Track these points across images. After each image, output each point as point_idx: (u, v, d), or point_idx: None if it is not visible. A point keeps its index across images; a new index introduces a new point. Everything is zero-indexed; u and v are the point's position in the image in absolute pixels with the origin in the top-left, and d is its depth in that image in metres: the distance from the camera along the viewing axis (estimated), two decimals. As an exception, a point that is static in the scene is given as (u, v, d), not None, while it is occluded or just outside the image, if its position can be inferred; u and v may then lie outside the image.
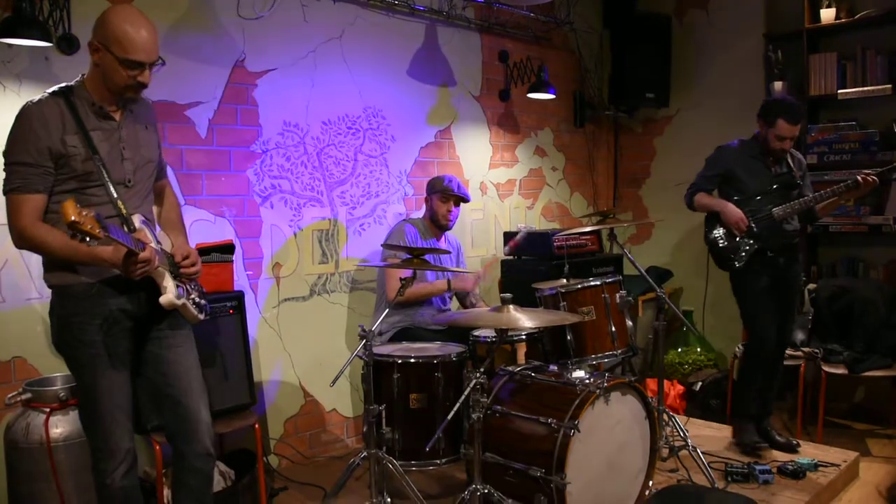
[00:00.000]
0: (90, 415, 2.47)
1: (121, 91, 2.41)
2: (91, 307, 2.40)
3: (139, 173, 2.52)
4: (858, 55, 4.80)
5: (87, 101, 2.40)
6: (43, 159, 2.31)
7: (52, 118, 2.33)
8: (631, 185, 6.19)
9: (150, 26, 2.40)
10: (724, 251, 3.88)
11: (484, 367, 2.85)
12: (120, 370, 2.46)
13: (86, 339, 2.41)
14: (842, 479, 3.67)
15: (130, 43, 2.33)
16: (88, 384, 2.44)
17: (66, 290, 2.41)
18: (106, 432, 2.44)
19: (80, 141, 2.35)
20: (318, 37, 4.13)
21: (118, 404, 2.46)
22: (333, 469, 3.94)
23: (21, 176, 2.31)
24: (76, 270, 2.39)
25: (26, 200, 2.32)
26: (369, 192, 4.43)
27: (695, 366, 5.17)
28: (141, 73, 2.38)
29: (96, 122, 2.41)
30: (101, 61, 2.36)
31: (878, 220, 4.73)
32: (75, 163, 2.34)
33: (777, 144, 3.77)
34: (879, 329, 4.36)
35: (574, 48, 5.81)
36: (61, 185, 2.36)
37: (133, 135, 2.51)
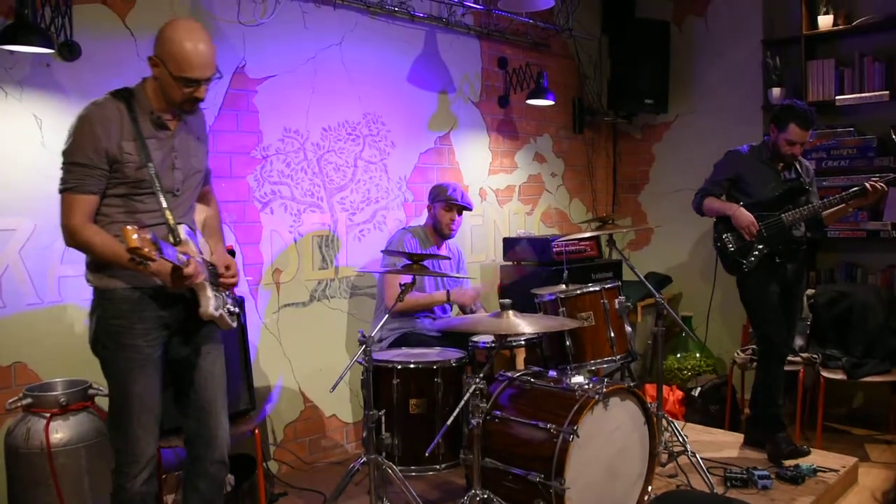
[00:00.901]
0: (119, 418, 2.49)
1: (178, 105, 2.46)
2: (130, 313, 2.44)
3: (187, 182, 2.55)
4: (856, 61, 4.82)
5: (146, 109, 2.44)
6: (100, 161, 2.34)
7: (113, 122, 2.37)
8: (630, 190, 6.20)
9: (207, 41, 2.42)
10: (733, 255, 3.89)
11: (483, 373, 2.86)
12: (153, 376, 2.49)
13: (123, 343, 2.43)
14: (841, 485, 3.67)
15: (187, 61, 2.35)
16: (121, 388, 2.46)
17: (108, 294, 2.44)
18: (133, 437, 2.46)
19: (135, 148, 2.38)
20: (318, 43, 4.15)
21: (148, 410, 2.49)
22: (333, 474, 3.94)
23: (77, 176, 2.34)
24: (119, 276, 2.42)
25: (80, 201, 2.35)
26: (369, 198, 4.44)
27: (694, 371, 5.18)
28: (197, 89, 2.41)
29: (152, 131, 2.44)
30: (160, 75, 2.40)
31: (876, 226, 4.74)
32: (128, 169, 2.38)
33: (788, 149, 3.78)
34: (878, 334, 4.37)
35: (573, 54, 5.82)
36: (113, 188, 2.40)
37: (185, 144, 2.54)
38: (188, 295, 2.46)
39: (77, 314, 3.27)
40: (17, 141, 3.11)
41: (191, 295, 2.46)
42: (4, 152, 3.08)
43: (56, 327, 3.22)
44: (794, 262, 3.90)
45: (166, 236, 2.37)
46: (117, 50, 3.37)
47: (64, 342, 3.22)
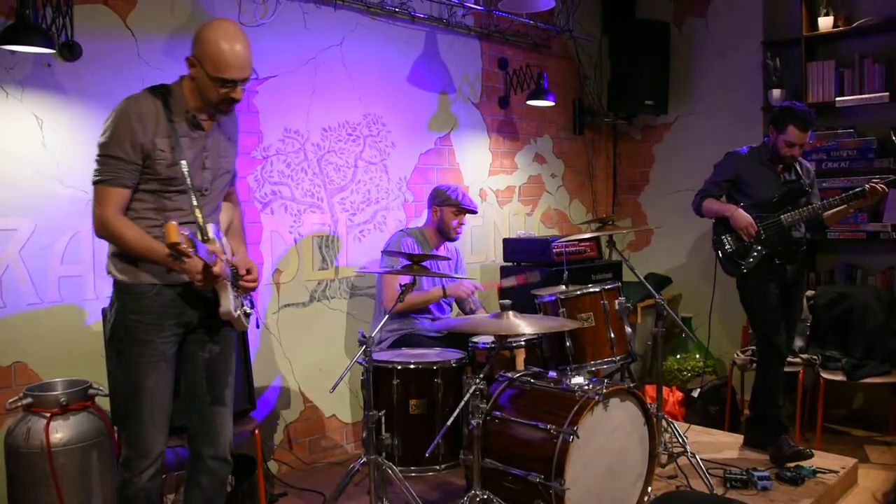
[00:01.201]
0: (129, 412, 2.49)
1: (213, 105, 2.48)
2: (149, 308, 2.45)
3: (216, 182, 2.58)
4: (856, 63, 4.82)
5: (182, 108, 2.46)
6: (135, 156, 2.37)
7: (149, 117, 2.39)
8: (630, 191, 6.20)
9: (244, 43, 2.43)
10: (731, 256, 3.89)
11: (483, 374, 2.86)
12: (166, 373, 2.51)
13: (139, 338, 2.45)
14: (840, 486, 3.67)
15: (223, 62, 2.37)
16: (133, 382, 2.47)
17: (128, 287, 2.46)
18: (143, 432, 2.47)
19: (168, 146, 2.40)
20: (319, 44, 4.15)
21: (159, 406, 2.50)
22: (333, 475, 3.94)
23: (112, 169, 2.36)
24: (144, 270, 2.44)
25: (113, 193, 2.37)
26: (369, 199, 4.44)
27: (694, 372, 5.18)
28: (233, 89, 2.44)
29: (187, 130, 2.47)
30: (196, 75, 2.43)
31: (876, 227, 4.74)
32: (160, 166, 2.40)
33: (787, 151, 3.79)
34: (877, 335, 4.37)
35: (573, 55, 5.83)
36: (144, 184, 2.42)
37: (216, 145, 2.57)
38: (209, 295, 2.48)
39: (77, 314, 3.27)
40: (18, 141, 3.11)
41: (212, 295, 2.47)
42: (5, 152, 3.09)
43: (56, 327, 3.22)
44: (794, 263, 3.91)
45: (196, 233, 2.38)
46: (118, 50, 3.38)
47: (64, 342, 3.23)
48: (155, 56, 3.48)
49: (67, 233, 3.24)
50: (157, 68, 3.46)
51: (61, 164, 3.21)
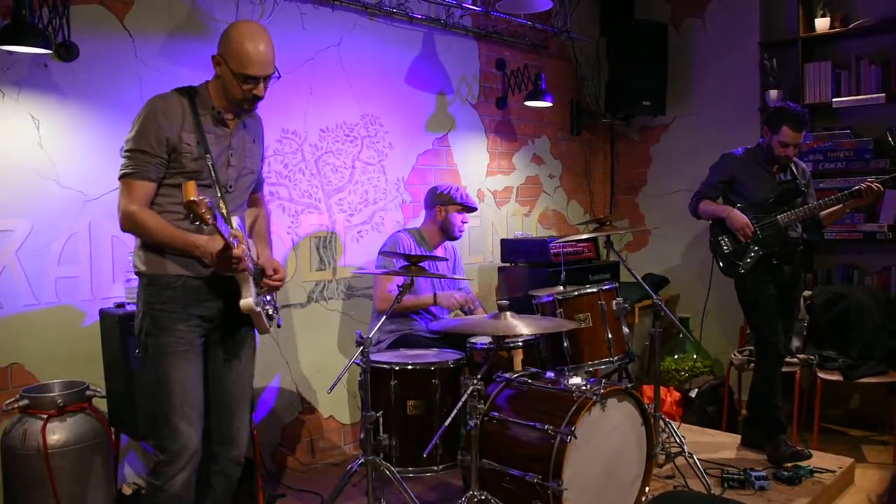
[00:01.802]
0: (159, 408, 2.48)
1: (238, 103, 2.54)
2: (175, 300, 2.48)
3: (240, 181, 2.63)
4: (852, 64, 4.83)
5: (207, 105, 2.54)
6: (161, 150, 2.43)
7: (175, 112, 2.47)
8: (627, 192, 6.21)
9: (267, 41, 2.51)
10: (729, 257, 3.90)
11: (481, 374, 2.86)
12: (195, 365, 2.53)
13: (165, 327, 2.47)
14: (837, 486, 3.68)
15: (247, 58, 2.45)
16: (162, 375, 2.47)
17: (154, 279, 2.50)
18: (175, 430, 2.45)
19: (194, 140, 2.48)
20: (317, 44, 4.15)
21: (190, 401, 2.49)
22: (331, 476, 3.94)
23: (138, 163, 2.42)
24: (168, 261, 2.48)
25: (138, 186, 2.43)
26: (367, 200, 4.44)
27: (691, 373, 5.18)
28: (255, 86, 2.50)
29: (212, 126, 2.54)
30: (221, 73, 2.52)
31: (872, 228, 4.74)
32: (186, 160, 2.46)
33: (781, 151, 3.80)
34: (874, 336, 4.38)
35: (571, 56, 5.83)
36: (169, 178, 2.48)
37: (241, 144, 2.63)
38: (233, 287, 2.49)
39: (75, 315, 3.27)
40: (15, 141, 3.11)
41: (235, 288, 2.49)
42: (2, 152, 3.08)
43: (53, 328, 3.21)
44: (791, 263, 3.92)
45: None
46: (115, 51, 3.37)
47: (61, 343, 3.22)
48: (152, 56, 3.48)
49: (64, 233, 3.24)
50: (154, 68, 3.46)
51: (58, 164, 3.21)
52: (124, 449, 3.36)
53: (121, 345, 3.03)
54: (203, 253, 2.41)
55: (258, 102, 2.57)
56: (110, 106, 3.34)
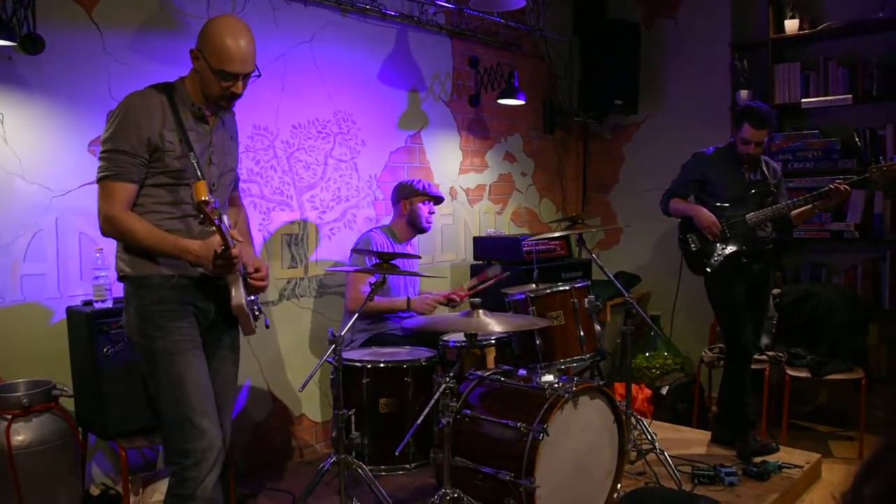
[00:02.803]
0: (179, 410, 2.37)
1: (215, 100, 2.48)
2: (170, 296, 2.41)
3: (222, 179, 2.57)
4: (821, 66, 4.89)
5: (186, 101, 2.47)
6: (141, 150, 2.35)
7: (155, 110, 2.38)
8: (600, 190, 6.24)
9: (248, 38, 2.44)
10: (696, 255, 3.94)
11: (453, 372, 2.86)
12: (203, 360, 2.46)
13: (171, 326, 2.40)
14: (805, 481, 3.73)
15: (227, 54, 2.38)
16: (175, 376, 2.38)
17: (144, 280, 2.41)
18: (199, 428, 2.36)
19: (176, 138, 2.40)
20: (289, 40, 4.11)
21: (207, 397, 2.42)
22: (303, 474, 3.92)
23: (118, 164, 2.34)
24: (156, 262, 2.40)
25: (120, 188, 2.34)
26: (339, 197, 4.42)
27: (662, 370, 5.22)
28: (234, 84, 2.44)
29: (193, 124, 2.47)
30: (199, 69, 2.44)
31: (840, 227, 4.81)
32: (169, 159, 2.38)
33: (744, 148, 3.84)
34: (842, 333, 4.44)
35: (544, 55, 5.84)
36: (152, 178, 2.40)
37: (221, 142, 2.57)
38: (221, 284, 2.45)
39: (40, 313, 3.21)
40: (-21, 136, 3.05)
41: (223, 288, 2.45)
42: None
43: (19, 326, 3.15)
44: (760, 262, 3.96)
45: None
46: (83, 44, 3.31)
47: (27, 342, 3.16)
48: (121, 51, 3.43)
49: (30, 230, 3.18)
50: (123, 63, 3.41)
51: (24, 159, 3.15)
52: (92, 449, 3.31)
53: (89, 343, 2.98)
54: (197, 258, 2.34)
55: (236, 100, 2.51)
56: (78, 101, 3.29)
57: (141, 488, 3.23)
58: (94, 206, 2.42)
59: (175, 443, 2.39)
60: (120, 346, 2.98)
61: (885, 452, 0.82)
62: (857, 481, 0.82)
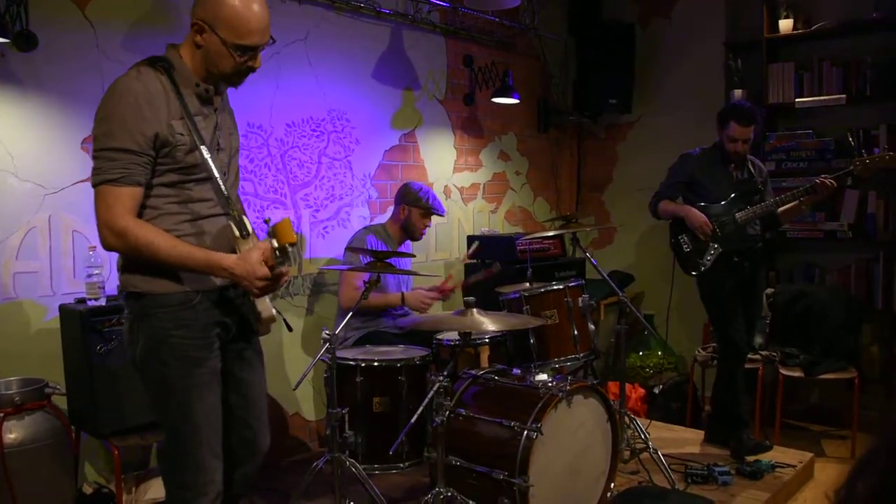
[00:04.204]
0: (182, 445, 2.15)
1: (227, 77, 2.15)
2: (194, 320, 2.11)
3: (231, 164, 2.28)
4: (815, 65, 4.90)
5: (189, 81, 2.11)
6: (148, 147, 1.99)
7: (158, 97, 2.02)
8: (594, 189, 6.24)
9: (262, 2, 2.11)
10: (689, 255, 3.95)
11: (447, 371, 2.86)
12: (217, 393, 2.19)
13: (189, 356, 2.10)
14: (797, 480, 3.74)
15: (245, 25, 2.05)
16: (186, 409, 2.12)
17: (161, 298, 2.09)
18: (201, 464, 2.15)
19: (184, 128, 2.05)
20: (283, 38, 4.09)
21: (216, 433, 2.18)
22: (296, 473, 3.90)
23: (122, 165, 1.97)
24: (175, 277, 2.08)
25: (125, 194, 1.97)
26: (333, 195, 4.41)
27: (656, 369, 5.23)
28: (253, 57, 2.12)
29: (199, 107, 2.12)
30: (206, 43, 2.07)
31: (833, 227, 4.83)
32: (179, 153, 2.05)
33: (731, 146, 3.85)
34: (835, 333, 4.45)
35: (539, 54, 5.84)
36: (159, 176, 2.06)
37: (225, 122, 2.25)
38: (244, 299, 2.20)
39: (34, 311, 3.20)
40: (-29, 133, 3.03)
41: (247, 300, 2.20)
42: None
43: (10, 325, 3.14)
44: (752, 260, 3.96)
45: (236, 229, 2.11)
46: (77, 41, 3.30)
47: (19, 340, 3.15)
48: (115, 48, 3.41)
49: (23, 227, 3.16)
50: (116, 61, 3.39)
51: (16, 157, 3.13)
52: (85, 447, 3.29)
53: (82, 341, 2.97)
54: (234, 276, 2.03)
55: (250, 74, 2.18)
56: (71, 98, 3.27)
57: (134, 487, 3.22)
58: (88, 204, 2.35)
59: (175, 473, 2.21)
60: (113, 345, 2.96)
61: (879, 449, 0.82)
62: (851, 478, 0.82)
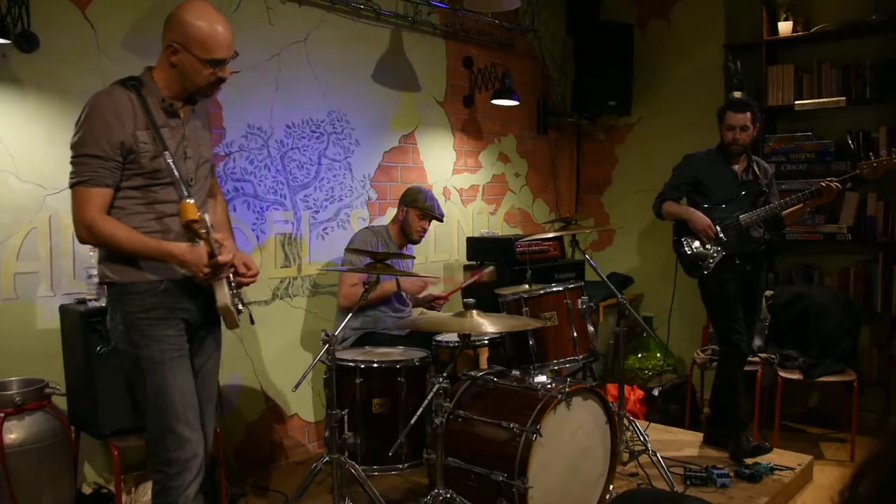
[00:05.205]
0: (161, 422, 2.36)
1: (202, 90, 2.42)
2: (159, 305, 2.36)
3: (199, 172, 2.50)
4: (814, 68, 4.91)
5: (157, 97, 2.38)
6: (114, 153, 2.27)
7: (125, 110, 2.30)
8: (593, 191, 6.25)
9: (224, 20, 2.39)
10: (692, 258, 3.94)
11: (446, 372, 2.86)
12: (189, 370, 2.42)
13: (157, 335, 2.36)
14: (796, 483, 3.74)
15: (213, 41, 2.33)
16: (160, 384, 2.35)
17: (130, 287, 2.36)
18: (182, 437, 2.35)
19: (149, 137, 2.32)
20: (283, 40, 4.11)
21: (192, 407, 2.40)
22: (295, 474, 3.92)
23: (91, 169, 2.26)
24: (141, 267, 2.35)
25: (95, 194, 2.27)
26: (333, 196, 4.41)
27: (654, 371, 5.24)
28: (221, 69, 2.39)
29: (165, 119, 2.39)
30: (180, 62, 2.35)
31: (832, 229, 4.83)
32: (144, 159, 2.31)
33: (729, 135, 3.86)
34: (833, 335, 4.45)
35: (538, 56, 5.85)
36: (127, 180, 2.33)
37: (193, 132, 2.49)
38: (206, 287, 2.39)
39: (34, 311, 3.20)
40: (-28, 134, 3.04)
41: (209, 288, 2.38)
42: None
43: (12, 325, 3.14)
44: (754, 262, 3.97)
45: None
46: (77, 42, 3.30)
47: (20, 340, 3.15)
48: (115, 48, 3.42)
49: (24, 228, 3.17)
50: (116, 61, 3.40)
51: (17, 157, 3.14)
52: (84, 447, 3.30)
53: (82, 341, 2.97)
54: (184, 262, 2.27)
55: (221, 85, 2.47)
56: (72, 99, 3.27)
57: (133, 487, 3.22)
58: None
59: (159, 451, 2.38)
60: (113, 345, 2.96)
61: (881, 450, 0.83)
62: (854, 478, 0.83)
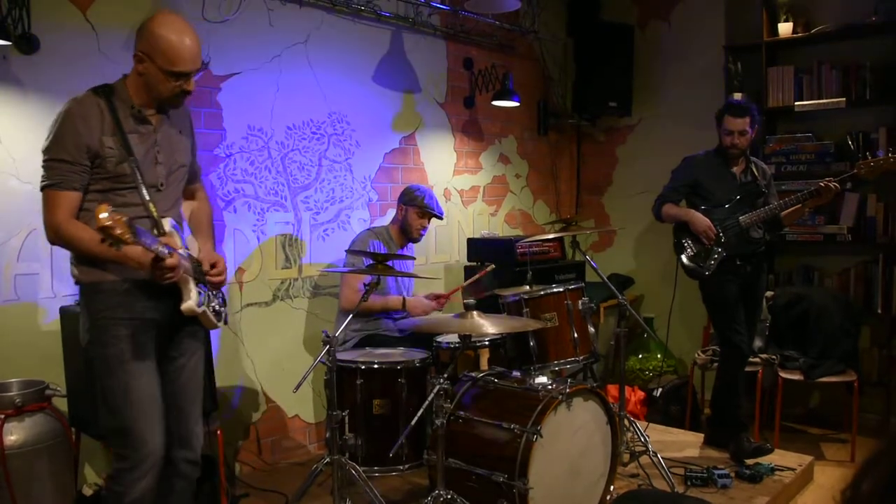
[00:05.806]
0: (119, 417, 2.40)
1: (166, 100, 2.46)
2: (120, 305, 2.40)
3: (171, 177, 2.54)
4: (814, 69, 4.91)
5: (126, 104, 2.43)
6: (81, 157, 2.33)
7: (93, 117, 2.35)
8: (593, 192, 6.25)
9: (192, 34, 2.43)
10: (692, 260, 3.94)
11: (447, 373, 2.86)
12: (151, 369, 2.45)
13: (117, 334, 2.39)
14: (797, 483, 3.74)
15: (176, 54, 2.36)
16: (119, 383, 2.39)
17: (96, 286, 2.41)
18: (139, 435, 2.39)
19: (116, 143, 2.37)
20: (284, 41, 4.11)
21: (151, 403, 2.43)
22: (296, 475, 3.91)
23: (59, 173, 2.32)
24: (106, 268, 2.39)
25: (63, 197, 2.33)
26: (333, 198, 4.41)
27: (655, 372, 5.23)
28: (186, 81, 2.42)
29: (133, 126, 2.43)
30: (146, 71, 2.39)
31: (832, 230, 4.83)
32: (109, 164, 2.36)
33: (727, 139, 3.87)
34: (833, 336, 4.45)
35: (538, 57, 5.86)
36: (94, 184, 2.38)
37: (167, 139, 2.52)
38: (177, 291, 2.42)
39: (34, 313, 3.21)
40: (-27, 135, 3.04)
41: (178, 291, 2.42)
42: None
43: (12, 326, 3.14)
44: (754, 263, 3.97)
45: (150, 229, 2.36)
46: (78, 44, 3.31)
47: (20, 341, 3.15)
48: (116, 50, 3.42)
49: (24, 229, 3.17)
50: (117, 62, 3.39)
51: (18, 159, 3.14)
52: (85, 449, 3.30)
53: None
54: (140, 265, 2.31)
55: (187, 97, 2.50)
56: (72, 100, 3.28)
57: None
58: (88, 205, 2.41)
59: (116, 445, 2.46)
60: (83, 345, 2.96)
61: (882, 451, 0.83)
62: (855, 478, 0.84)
